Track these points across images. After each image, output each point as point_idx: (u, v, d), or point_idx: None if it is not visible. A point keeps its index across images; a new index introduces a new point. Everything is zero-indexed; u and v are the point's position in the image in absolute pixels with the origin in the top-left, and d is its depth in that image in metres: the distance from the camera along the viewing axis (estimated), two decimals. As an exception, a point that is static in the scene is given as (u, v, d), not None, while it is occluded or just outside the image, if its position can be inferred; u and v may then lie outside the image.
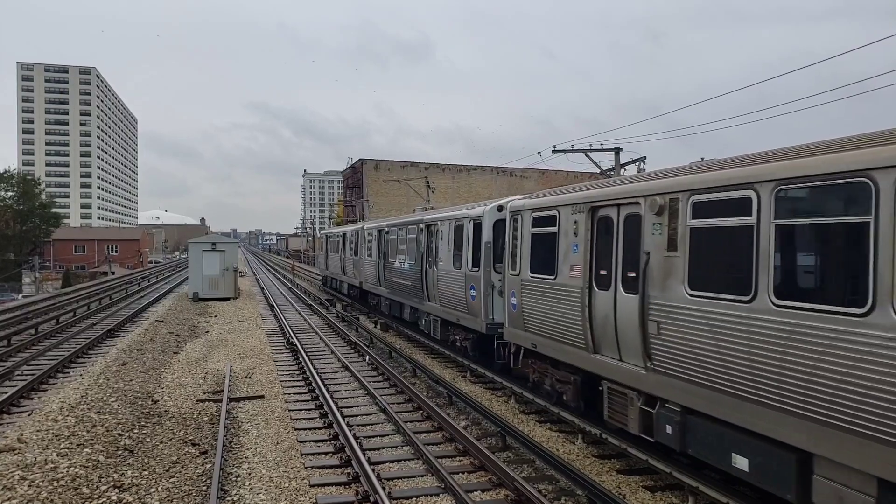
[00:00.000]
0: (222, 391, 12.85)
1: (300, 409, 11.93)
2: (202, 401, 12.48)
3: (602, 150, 26.64)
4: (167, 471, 8.70)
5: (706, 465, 7.51)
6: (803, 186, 5.91)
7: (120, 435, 10.00)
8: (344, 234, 31.76)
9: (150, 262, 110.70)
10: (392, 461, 9.14)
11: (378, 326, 23.21)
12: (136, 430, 10.37)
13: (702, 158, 9.37)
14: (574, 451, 9.55)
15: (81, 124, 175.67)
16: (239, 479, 8.46)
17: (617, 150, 26.43)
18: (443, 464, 8.71)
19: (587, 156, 26.84)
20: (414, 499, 7.80)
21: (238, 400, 12.55)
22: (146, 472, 8.60)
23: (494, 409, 11.68)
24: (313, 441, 10.06)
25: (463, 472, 8.63)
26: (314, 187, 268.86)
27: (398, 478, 8.48)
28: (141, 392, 12.90)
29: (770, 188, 6.16)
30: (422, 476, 8.54)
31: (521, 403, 12.13)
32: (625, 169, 26.52)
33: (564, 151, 26.85)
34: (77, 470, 8.34)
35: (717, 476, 7.47)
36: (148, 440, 9.98)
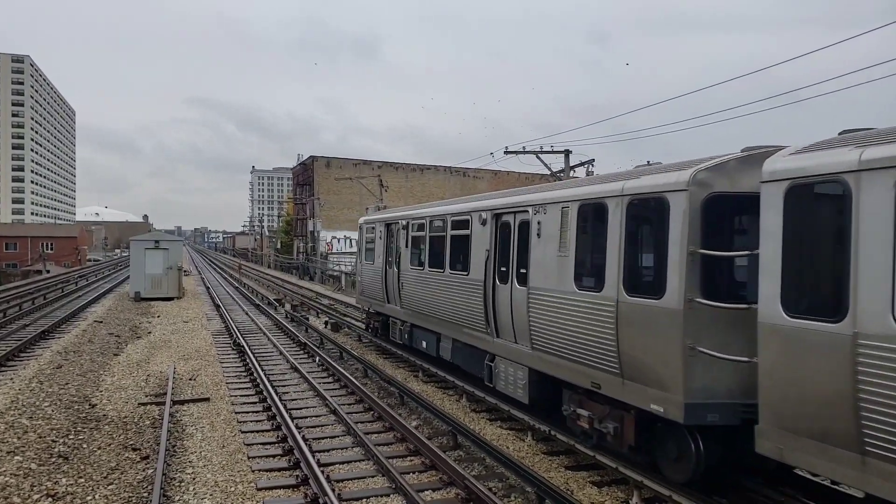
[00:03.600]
0: (165, 394, 12.44)
1: (247, 412, 11.66)
2: (144, 404, 12.05)
3: (553, 152, 27.08)
4: (105, 477, 8.35)
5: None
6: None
7: (54, 441, 9.55)
8: (518, 216, 10.28)
9: (90, 260, 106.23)
10: (342, 462, 9.04)
11: (329, 326, 22.93)
12: (71, 436, 9.92)
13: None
14: (524, 449, 9.66)
15: (13, 115, 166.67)
16: (183, 483, 8.20)
17: (567, 153, 26.90)
18: (394, 464, 8.67)
19: (538, 157, 27.23)
20: (364, 500, 7.73)
21: (182, 403, 12.17)
22: (82, 480, 8.23)
23: (446, 408, 11.70)
24: (261, 444, 9.85)
25: (414, 472, 8.61)
26: (262, 184, 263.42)
27: (348, 479, 8.39)
28: (77, 396, 12.36)
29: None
30: (372, 476, 8.47)
31: (473, 402, 12.19)
32: (574, 171, 27.02)
33: (516, 153, 27.19)
34: (7, 479, 7.92)
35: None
36: (84, 446, 9.56)
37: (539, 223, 9.55)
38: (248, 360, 15.89)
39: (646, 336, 7.27)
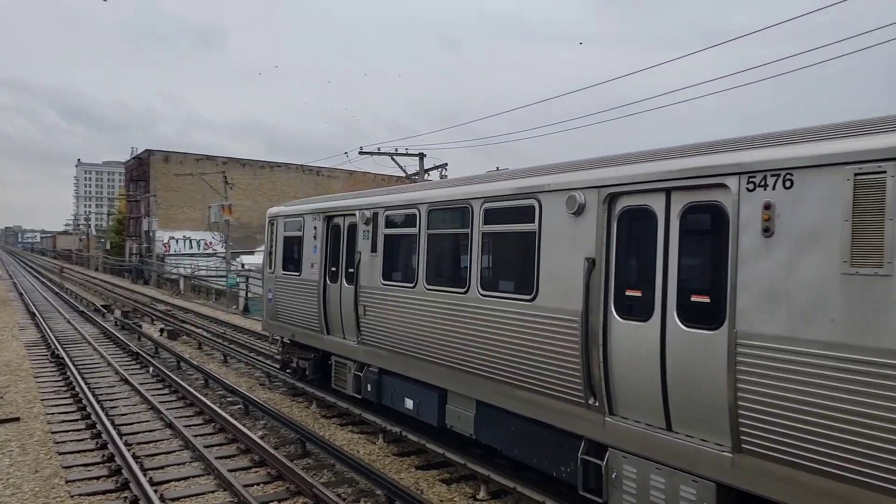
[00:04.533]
0: (-39, 416, 10.74)
1: (67, 430, 10.42)
2: (-69, 430, 10.31)
3: (407, 154, 27.44)
4: None
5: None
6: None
7: None
8: (677, 197, 5.71)
9: None
10: (179, 479, 8.38)
11: (165, 334, 21.25)
12: None
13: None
14: (375, 452, 9.61)
15: None
16: (-19, 519, 7.12)
17: (421, 156, 27.39)
18: (237, 477, 8.21)
19: (393, 159, 27.44)
20: (203, 518, 7.23)
21: (-17, 425, 10.58)
22: None
23: (295, 415, 11.32)
24: (82, 465, 8.84)
25: (259, 484, 8.21)
26: (90, 180, 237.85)
27: (185, 497, 7.79)
28: None
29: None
30: (213, 492, 7.94)
31: (323, 408, 11.91)
32: (428, 174, 27.55)
33: (371, 154, 27.18)
34: None
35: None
36: None
37: (769, 207, 4.91)
38: (69, 374, 14.24)
39: None
